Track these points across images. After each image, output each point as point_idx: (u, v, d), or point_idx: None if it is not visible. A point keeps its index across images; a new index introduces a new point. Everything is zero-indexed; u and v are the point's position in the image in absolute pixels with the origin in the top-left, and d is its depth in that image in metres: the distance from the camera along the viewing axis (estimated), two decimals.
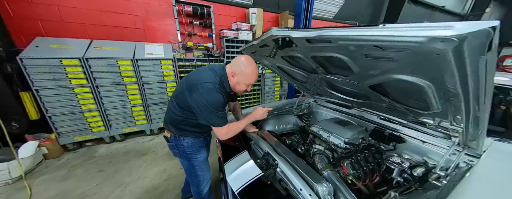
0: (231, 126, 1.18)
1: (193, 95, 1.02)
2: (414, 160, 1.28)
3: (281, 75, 1.82)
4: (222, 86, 1.11)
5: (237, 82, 1.13)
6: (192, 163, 1.27)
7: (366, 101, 1.34)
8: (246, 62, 1.09)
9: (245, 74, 1.10)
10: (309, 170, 0.99)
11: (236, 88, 1.17)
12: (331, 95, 1.66)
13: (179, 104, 1.11)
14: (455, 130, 0.86)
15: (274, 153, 1.17)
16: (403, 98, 0.95)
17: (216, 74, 1.09)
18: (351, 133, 1.38)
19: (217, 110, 1.05)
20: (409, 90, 0.82)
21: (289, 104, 2.25)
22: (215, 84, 1.04)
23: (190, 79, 1.10)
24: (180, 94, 1.10)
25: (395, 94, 0.96)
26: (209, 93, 1.02)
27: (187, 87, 1.05)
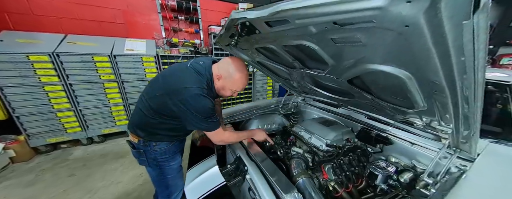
0: (229, 136, 1.08)
1: (176, 101, 0.88)
2: (402, 164, 1.16)
3: (264, 72, 1.69)
4: (210, 89, 0.97)
5: (222, 86, 1.00)
6: (164, 172, 1.11)
7: (351, 99, 1.22)
8: (235, 66, 0.96)
9: (232, 79, 0.97)
10: (280, 178, 0.87)
11: (220, 92, 1.04)
12: (316, 93, 1.54)
13: (155, 109, 0.95)
14: (444, 131, 0.74)
15: (246, 157, 1.04)
16: (385, 95, 0.83)
17: (201, 76, 0.95)
18: (334, 134, 1.26)
19: (208, 117, 0.93)
20: (390, 85, 0.70)
21: (277, 103, 2.13)
22: (202, 89, 0.91)
23: (170, 81, 0.94)
24: (157, 98, 0.93)
25: (377, 90, 0.84)
26: (197, 99, 0.88)
27: (167, 92, 0.90)
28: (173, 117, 0.95)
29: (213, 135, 1.00)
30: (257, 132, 1.26)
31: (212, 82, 0.98)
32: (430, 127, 0.90)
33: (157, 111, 0.95)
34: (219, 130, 1.00)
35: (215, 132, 0.99)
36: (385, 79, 0.68)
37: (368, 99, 0.99)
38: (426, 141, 1.12)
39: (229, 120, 1.69)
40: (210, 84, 0.97)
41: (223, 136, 1.03)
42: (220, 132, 1.01)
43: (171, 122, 0.99)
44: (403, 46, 0.44)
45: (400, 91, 0.68)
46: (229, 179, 0.95)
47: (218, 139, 1.02)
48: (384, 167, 1.00)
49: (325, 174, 1.08)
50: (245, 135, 1.19)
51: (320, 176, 1.09)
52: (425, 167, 1.05)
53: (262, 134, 1.26)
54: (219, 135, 1.01)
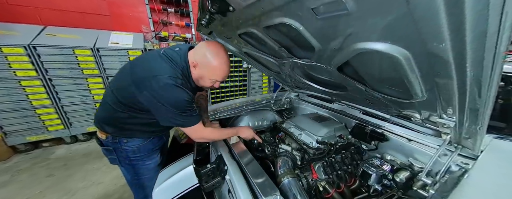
0: (211, 133, 0.98)
1: (145, 92, 0.76)
2: (398, 162, 1.08)
3: (255, 65, 1.58)
4: (186, 80, 0.86)
5: (200, 75, 0.88)
6: (138, 172, 1.00)
7: (344, 92, 1.12)
8: (213, 51, 0.83)
9: (210, 67, 0.85)
10: (263, 179, 0.77)
11: (200, 82, 0.92)
12: (309, 87, 1.44)
13: (123, 101, 0.84)
14: (445, 125, 0.65)
15: (228, 156, 0.93)
16: (380, 85, 0.73)
17: (175, 64, 0.83)
18: (326, 130, 1.16)
19: (182, 110, 0.82)
20: (385, 71, 0.60)
21: (269, 98, 2.03)
22: (175, 78, 0.79)
23: (138, 70, 0.82)
24: (124, 89, 0.82)
25: (370, 78, 0.74)
26: (168, 90, 0.77)
27: (135, 82, 0.79)
28: (145, 110, 0.84)
29: (191, 132, 0.90)
30: (244, 130, 1.15)
31: (189, 72, 0.87)
32: (430, 122, 0.81)
33: (125, 104, 0.83)
34: (198, 126, 0.89)
35: (193, 128, 0.88)
36: (379, 64, 0.58)
37: (362, 91, 0.90)
38: (424, 138, 1.03)
39: (216, 117, 1.59)
40: (186, 74, 0.86)
41: (203, 133, 0.93)
42: (199, 128, 0.90)
43: (143, 117, 0.88)
44: (401, 10, 0.33)
45: (396, 78, 0.58)
46: (207, 180, 0.85)
47: (197, 136, 0.92)
48: (379, 165, 0.91)
49: (314, 173, 0.99)
50: (230, 132, 1.09)
51: (309, 175, 0.99)
52: (423, 166, 0.96)
53: (248, 132, 1.16)
54: (198, 131, 0.90)
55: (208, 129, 0.96)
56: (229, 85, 3.87)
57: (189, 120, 0.86)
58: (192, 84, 0.91)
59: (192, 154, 0.98)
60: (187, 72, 0.87)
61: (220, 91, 3.78)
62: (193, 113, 0.87)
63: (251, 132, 1.17)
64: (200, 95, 1.29)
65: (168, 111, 0.79)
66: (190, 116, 0.86)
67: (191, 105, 0.84)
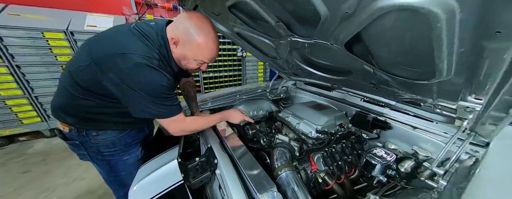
0: (192, 122, 0.83)
1: (110, 74, 0.61)
2: (401, 151, 1.02)
3: (247, 48, 1.43)
4: (165, 62, 0.71)
5: (182, 55, 0.73)
6: (115, 168, 0.87)
7: (347, 78, 1.02)
8: (197, 26, 0.67)
9: (194, 44, 0.69)
10: (258, 172, 0.67)
11: (182, 63, 0.77)
12: (308, 73, 1.32)
13: (81, 85, 0.68)
14: (468, 109, 0.56)
15: (219, 148, 0.83)
16: (393, 64, 0.62)
17: (149, 41, 0.67)
18: (325, 119, 1.07)
19: (159, 98, 0.67)
20: (406, 43, 0.49)
21: (265, 87, 1.91)
22: (150, 58, 0.64)
23: (100, 47, 0.65)
24: (84, 70, 0.65)
25: (383, 56, 0.63)
26: (141, 72, 0.62)
27: (96, 60, 0.62)
28: (114, 97, 0.69)
29: (170, 124, 0.75)
30: (231, 113, 1.03)
31: (169, 51, 0.72)
32: (441, 106, 0.72)
33: (87, 89, 0.68)
34: (178, 117, 0.75)
35: (173, 120, 0.74)
36: (401, 33, 0.46)
37: (369, 74, 0.79)
38: (430, 125, 0.97)
39: (208, 107, 1.46)
40: (165, 54, 0.71)
41: (184, 123, 0.79)
42: (179, 119, 0.76)
43: (114, 105, 0.73)
44: None
45: (419, 51, 0.47)
46: (195, 175, 0.75)
47: (177, 129, 0.78)
48: (383, 155, 0.84)
49: (314, 165, 0.91)
50: (216, 118, 0.96)
51: (308, 167, 0.92)
52: (429, 154, 0.90)
53: (237, 115, 1.03)
54: (177, 123, 0.76)
55: (189, 118, 0.82)
56: (223, 75, 3.69)
57: (168, 110, 0.72)
58: (173, 67, 0.76)
59: (177, 147, 0.86)
60: (166, 52, 0.71)
61: (213, 81, 3.60)
62: (173, 102, 0.73)
63: (239, 115, 1.05)
64: (187, 82, 1.14)
65: (140, 98, 0.64)
66: (169, 105, 0.71)
67: (170, 92, 0.70)
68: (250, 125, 1.31)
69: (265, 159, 1.01)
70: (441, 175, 0.65)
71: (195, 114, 1.18)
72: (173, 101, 0.73)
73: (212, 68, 3.49)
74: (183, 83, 1.15)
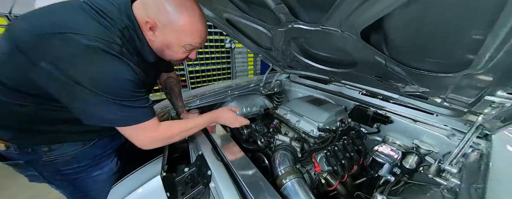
0: (168, 128, 0.62)
1: (43, 64, 0.43)
2: (402, 145, 1.00)
3: (239, 38, 1.26)
4: (130, 47, 0.53)
5: (165, 44, 0.56)
6: (81, 188, 0.70)
7: (349, 70, 0.93)
8: (174, 1, 0.51)
9: (177, 27, 0.53)
10: (258, 183, 0.58)
11: (166, 54, 0.60)
12: (306, 66, 1.22)
13: (7, 84, 0.49)
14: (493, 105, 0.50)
15: (212, 155, 0.71)
16: (417, 53, 0.53)
17: (110, 23, 0.49)
18: (326, 115, 1.00)
19: (121, 96, 0.49)
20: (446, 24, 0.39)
21: (258, 81, 1.78)
22: (109, 43, 0.47)
23: (27, 26, 0.45)
24: (6, 62, 0.47)
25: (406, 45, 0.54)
26: (92, 58, 0.45)
27: (22, 44, 0.44)
28: (56, 98, 0.50)
29: (136, 133, 0.56)
30: (223, 114, 0.82)
31: (139, 35, 0.55)
32: (453, 100, 0.67)
33: (17, 90, 0.49)
34: (148, 124, 0.55)
35: (138, 128, 0.54)
36: (444, 12, 0.37)
37: (378, 66, 0.70)
38: (431, 118, 0.94)
39: (196, 105, 1.31)
40: (131, 38, 0.53)
41: (156, 132, 0.58)
42: (151, 126, 0.56)
43: (59, 110, 0.53)
44: None
45: (460, 34, 0.38)
46: (185, 191, 0.63)
47: (146, 140, 0.58)
48: (389, 153, 0.79)
49: (317, 166, 0.84)
50: (203, 121, 0.74)
51: (311, 169, 0.85)
52: (430, 148, 0.89)
53: (230, 116, 0.82)
54: (147, 131, 0.56)
55: (165, 124, 0.61)
56: (211, 68, 3.46)
57: (134, 113, 0.53)
58: (147, 56, 0.59)
59: (161, 158, 0.72)
60: (135, 36, 0.54)
61: (200, 75, 3.36)
62: (143, 103, 0.54)
63: (232, 116, 0.83)
64: (169, 78, 0.97)
65: (91, 96, 0.46)
66: (137, 107, 0.53)
67: (138, 90, 0.53)
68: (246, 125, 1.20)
69: (263, 161, 0.93)
70: (454, 173, 0.62)
71: (182, 114, 1.03)
72: (142, 102, 0.55)
73: (198, 61, 3.23)
74: (164, 79, 0.97)
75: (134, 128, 0.54)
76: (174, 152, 1.00)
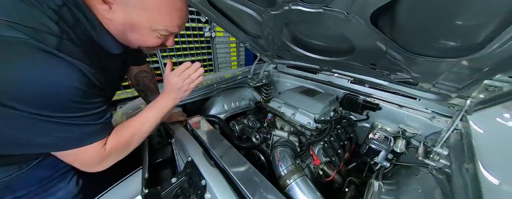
0: (116, 136, 0.47)
1: None
2: (389, 130, 1.05)
3: (223, 25, 1.11)
4: (75, 35, 0.37)
5: (128, 24, 0.41)
6: None
7: (344, 58, 0.90)
8: None
9: (148, 2, 0.39)
10: (261, 185, 0.52)
11: (130, 39, 0.45)
12: (297, 55, 1.15)
13: None
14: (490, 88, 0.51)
15: (204, 160, 0.61)
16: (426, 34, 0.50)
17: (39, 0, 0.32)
18: (321, 105, 0.97)
19: (57, 112, 0.34)
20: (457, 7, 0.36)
21: (245, 73, 1.67)
22: (37, 31, 0.31)
23: None
24: None
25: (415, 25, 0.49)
26: (8, 61, 0.29)
27: None
28: None
29: (80, 157, 0.43)
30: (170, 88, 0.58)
31: (86, 14, 0.39)
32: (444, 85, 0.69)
33: None
34: (97, 144, 0.43)
35: (82, 151, 0.41)
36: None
37: (376, 53, 0.67)
38: (413, 102, 1.00)
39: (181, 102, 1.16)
40: (74, 21, 0.38)
41: (106, 152, 0.45)
42: (99, 146, 0.44)
43: None
44: None
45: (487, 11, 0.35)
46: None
47: (93, 163, 0.45)
48: (384, 140, 0.81)
49: (316, 159, 0.82)
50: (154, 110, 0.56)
51: (311, 163, 0.83)
52: (415, 131, 0.95)
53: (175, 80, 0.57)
54: (94, 152, 0.43)
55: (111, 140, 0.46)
56: (190, 60, 3.16)
57: (78, 134, 0.39)
58: (107, 46, 0.44)
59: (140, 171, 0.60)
60: (78, 16, 0.38)
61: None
62: (95, 119, 0.41)
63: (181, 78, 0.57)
64: (141, 72, 0.79)
65: (10, 115, 0.32)
66: (82, 125, 0.39)
67: (88, 101, 0.39)
68: (237, 120, 1.12)
69: (259, 159, 0.88)
70: (445, 155, 0.65)
71: None
72: (93, 118, 0.40)
73: (175, 52, 2.90)
74: (135, 73, 0.78)
75: (76, 152, 0.40)
76: (154, 153, 0.87)
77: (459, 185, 0.54)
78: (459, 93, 0.66)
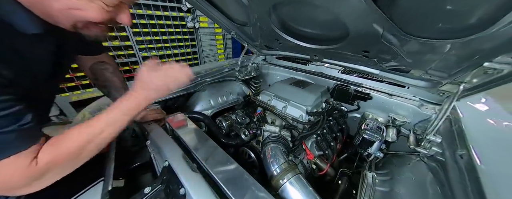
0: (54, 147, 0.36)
1: None
2: (379, 119, 1.05)
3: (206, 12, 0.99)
4: None
5: None
6: None
7: (336, 45, 0.84)
8: None
9: None
10: (251, 188, 0.45)
11: (56, 8, 0.31)
12: (286, 45, 1.07)
13: None
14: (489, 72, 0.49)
15: (185, 165, 0.53)
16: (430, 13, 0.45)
17: None
18: (313, 97, 0.93)
19: None
20: None
21: (232, 65, 1.56)
22: None
23: None
24: None
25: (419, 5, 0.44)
26: None
27: None
28: None
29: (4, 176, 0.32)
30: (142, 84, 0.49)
31: None
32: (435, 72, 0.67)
33: None
34: (18, 158, 0.32)
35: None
36: None
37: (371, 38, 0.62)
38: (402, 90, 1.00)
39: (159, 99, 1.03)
40: None
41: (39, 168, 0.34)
42: (23, 160, 0.33)
43: None
44: None
45: None
46: None
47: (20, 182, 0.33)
48: (377, 130, 0.79)
49: (309, 153, 0.78)
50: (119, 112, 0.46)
51: (304, 158, 0.78)
52: (404, 119, 0.95)
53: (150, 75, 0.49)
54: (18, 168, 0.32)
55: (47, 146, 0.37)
56: (172, 53, 2.93)
57: None
58: (20, 23, 0.32)
59: (101, 182, 0.49)
60: None
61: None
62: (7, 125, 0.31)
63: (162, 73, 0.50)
64: (99, 63, 0.65)
65: None
66: None
67: None
68: (224, 116, 1.03)
69: (249, 156, 0.81)
70: (439, 142, 0.64)
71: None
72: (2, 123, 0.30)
73: (154, 44, 2.65)
74: (90, 65, 0.64)
75: None
76: (133, 161, 0.76)
77: (454, 173, 0.53)
78: (452, 79, 0.64)
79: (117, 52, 2.34)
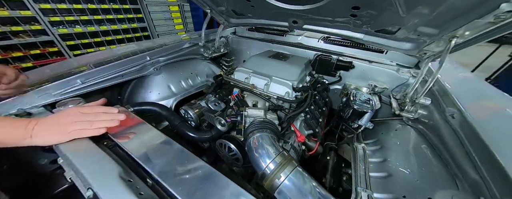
0: None
1: None
2: (359, 88, 1.01)
3: None
4: None
5: None
6: None
7: (324, 1, 0.66)
8: None
9: None
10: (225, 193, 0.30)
11: None
12: (259, 9, 0.83)
13: None
14: (497, 17, 0.42)
15: (124, 189, 0.32)
16: None
17: None
18: (297, 70, 0.79)
19: None
20: None
21: (194, 39, 1.23)
22: None
23: None
24: None
25: None
26: None
27: None
28: None
29: None
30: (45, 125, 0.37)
31: None
32: (425, 28, 0.60)
33: None
34: None
35: None
36: None
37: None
38: (381, 56, 0.96)
39: (76, 88, 0.69)
40: None
41: None
42: None
43: None
44: None
45: None
46: None
47: None
48: (367, 100, 0.73)
49: (299, 135, 0.67)
50: None
51: (295, 141, 0.67)
52: (384, 85, 0.94)
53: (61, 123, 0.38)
54: None
55: None
56: (111, 30, 2.23)
57: None
58: None
59: None
60: None
61: (91, 42, 2.13)
62: None
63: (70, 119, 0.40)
64: None
65: None
66: None
67: None
68: (190, 104, 0.80)
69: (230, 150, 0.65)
70: (429, 104, 0.62)
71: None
72: None
73: (78, 15, 1.91)
74: None
75: None
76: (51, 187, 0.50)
77: (448, 132, 0.51)
78: (441, 35, 0.58)
79: (11, 27, 1.57)
